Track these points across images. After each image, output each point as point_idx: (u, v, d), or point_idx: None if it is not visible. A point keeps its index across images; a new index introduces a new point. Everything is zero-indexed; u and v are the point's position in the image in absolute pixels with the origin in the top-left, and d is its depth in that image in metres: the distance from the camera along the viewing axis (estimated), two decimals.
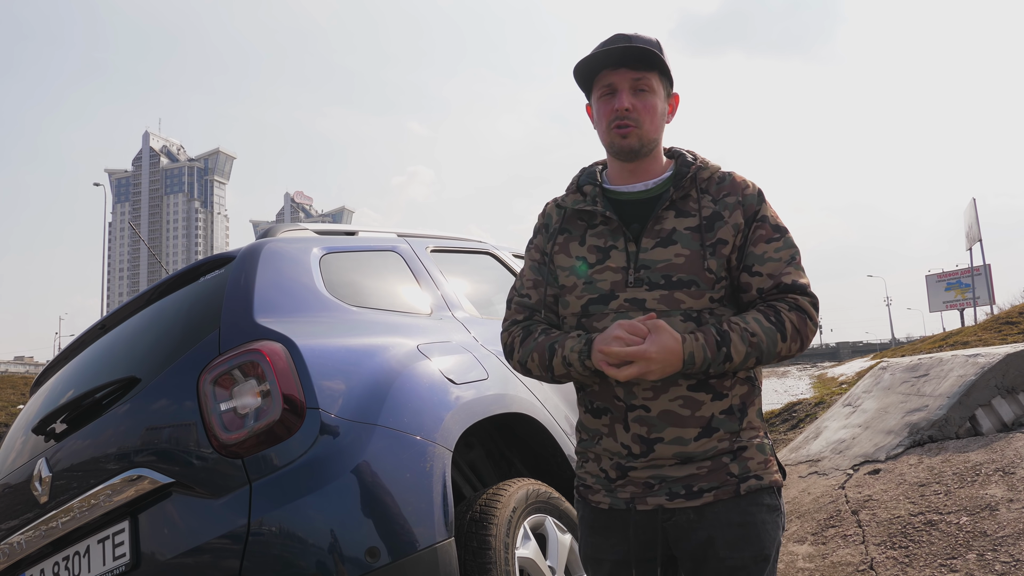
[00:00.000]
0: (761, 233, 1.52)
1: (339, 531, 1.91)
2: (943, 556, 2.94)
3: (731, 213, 1.53)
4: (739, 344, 1.43)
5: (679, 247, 1.50)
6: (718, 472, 1.47)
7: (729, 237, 1.51)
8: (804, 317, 1.47)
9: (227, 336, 2.12)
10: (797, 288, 1.49)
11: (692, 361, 1.41)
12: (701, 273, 1.48)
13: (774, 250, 1.51)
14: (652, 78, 1.53)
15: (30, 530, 2.32)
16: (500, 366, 2.57)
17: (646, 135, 1.54)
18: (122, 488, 2.09)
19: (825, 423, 5.27)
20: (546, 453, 2.64)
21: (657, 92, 1.55)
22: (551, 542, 2.38)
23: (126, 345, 2.56)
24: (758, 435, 1.53)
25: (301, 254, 2.53)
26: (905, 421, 4.35)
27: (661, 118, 1.57)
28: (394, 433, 2.07)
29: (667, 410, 1.47)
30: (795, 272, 1.51)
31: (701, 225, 1.51)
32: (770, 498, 1.50)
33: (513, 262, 3.67)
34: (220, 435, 1.98)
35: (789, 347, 1.47)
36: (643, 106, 1.53)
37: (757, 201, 1.55)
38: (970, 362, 4.49)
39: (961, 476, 3.53)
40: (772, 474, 1.51)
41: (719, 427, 1.48)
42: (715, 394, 1.49)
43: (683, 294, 1.48)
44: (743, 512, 1.47)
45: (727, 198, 1.54)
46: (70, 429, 2.36)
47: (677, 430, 1.47)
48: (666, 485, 1.48)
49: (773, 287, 1.50)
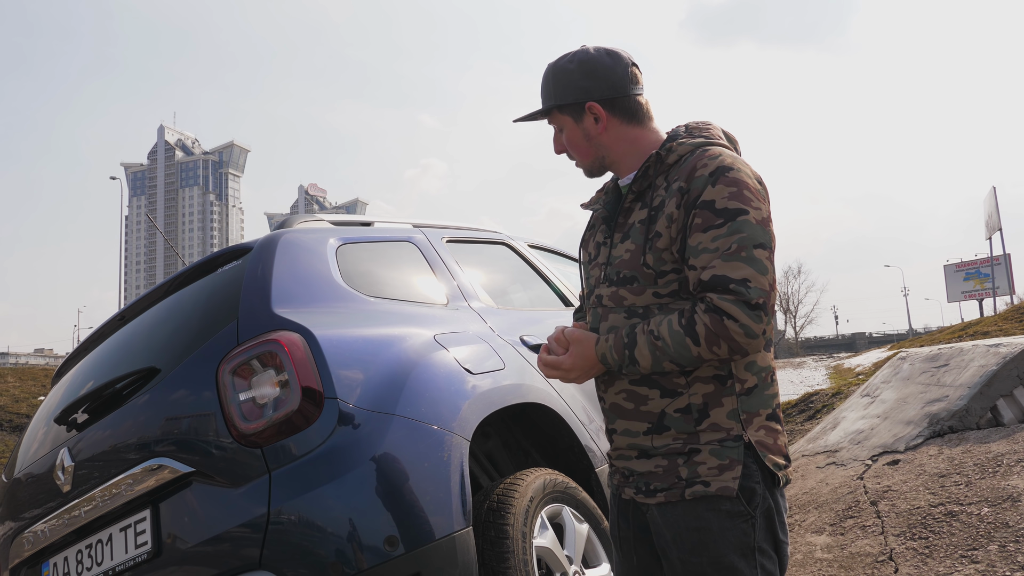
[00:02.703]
0: (698, 222, 1.40)
1: (358, 520, 1.92)
2: (964, 547, 2.91)
3: (669, 201, 1.45)
4: (644, 348, 1.42)
5: (630, 242, 1.50)
6: (670, 474, 1.46)
7: (663, 229, 1.44)
8: (720, 318, 1.34)
9: (245, 327, 2.13)
10: (717, 284, 1.35)
11: (605, 362, 1.48)
12: (639, 268, 1.47)
13: (711, 239, 1.38)
14: (556, 119, 1.61)
15: (53, 519, 2.35)
16: (516, 356, 2.57)
17: (583, 163, 1.63)
18: (143, 477, 2.11)
19: (843, 414, 5.23)
20: (563, 443, 2.64)
21: (566, 125, 1.60)
22: (568, 532, 2.38)
23: (145, 336, 2.58)
24: (723, 437, 1.43)
25: (318, 245, 2.54)
26: (925, 411, 4.31)
27: (586, 140, 1.59)
28: (412, 423, 2.07)
29: (614, 403, 1.55)
30: (723, 265, 1.36)
31: (648, 216, 1.48)
32: (730, 504, 1.41)
33: (528, 252, 3.66)
34: (239, 425, 1.99)
35: (711, 350, 1.36)
36: (567, 143, 1.62)
37: (703, 184, 1.40)
38: (991, 352, 4.44)
39: (982, 467, 3.49)
40: (726, 480, 1.41)
41: (671, 426, 1.46)
42: (664, 391, 1.47)
43: (626, 291, 1.50)
44: (698, 518, 1.43)
45: (674, 184, 1.45)
46: (91, 419, 2.38)
47: (625, 422, 1.53)
48: (635, 479, 1.53)
49: (697, 284, 1.40)
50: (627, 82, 1.56)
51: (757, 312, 1.35)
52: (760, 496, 1.44)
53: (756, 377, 1.47)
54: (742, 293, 1.34)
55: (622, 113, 1.56)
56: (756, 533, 1.43)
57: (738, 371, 1.46)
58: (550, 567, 2.28)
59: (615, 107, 1.56)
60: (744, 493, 1.42)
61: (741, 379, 1.46)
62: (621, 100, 1.56)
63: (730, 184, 1.40)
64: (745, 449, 1.43)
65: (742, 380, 1.46)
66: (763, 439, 1.45)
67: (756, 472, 1.44)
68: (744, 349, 1.38)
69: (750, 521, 1.43)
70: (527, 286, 3.53)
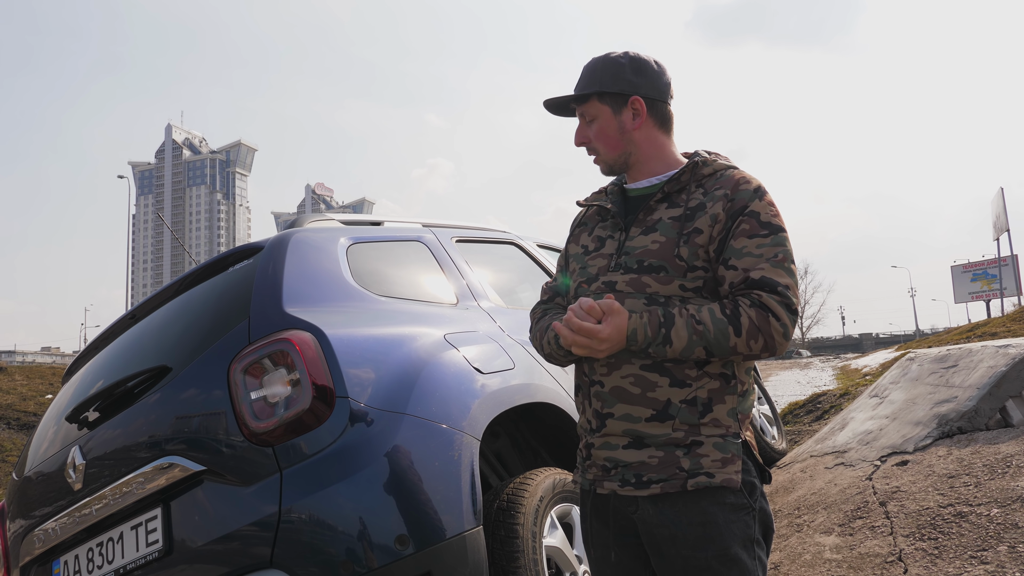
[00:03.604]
0: (745, 228, 1.49)
1: (368, 519, 1.92)
2: (973, 548, 2.90)
3: (714, 204, 1.53)
4: (682, 329, 1.44)
5: (658, 234, 1.55)
6: (668, 465, 1.47)
7: (705, 227, 1.52)
8: (767, 315, 1.43)
9: (257, 325, 2.14)
10: (766, 284, 1.45)
11: (634, 338, 1.46)
12: (671, 259, 1.52)
13: (755, 246, 1.48)
14: (592, 107, 1.63)
15: (64, 516, 2.36)
16: (526, 355, 2.57)
17: (608, 156, 1.65)
18: (154, 476, 2.12)
19: (851, 414, 5.22)
20: (572, 442, 2.64)
21: (602, 115, 1.62)
22: (577, 531, 2.38)
23: (156, 335, 2.59)
24: (723, 433, 1.49)
25: (328, 244, 2.54)
26: (934, 412, 4.29)
27: (619, 133, 1.62)
28: (422, 422, 2.08)
29: (618, 386, 1.52)
30: (771, 269, 1.46)
31: (684, 215, 1.55)
32: (735, 497, 1.47)
33: (537, 252, 3.66)
34: (251, 424, 2.00)
35: (747, 343, 1.43)
36: (595, 135, 1.64)
37: (750, 196, 1.52)
38: (1000, 353, 4.42)
39: (991, 468, 3.48)
40: (730, 473, 1.47)
41: (676, 415, 1.48)
42: (674, 380, 1.49)
43: (651, 278, 1.53)
44: (702, 512, 1.46)
45: (717, 191, 1.55)
46: (103, 417, 2.39)
47: (626, 407, 1.51)
48: (620, 471, 1.52)
49: (742, 281, 1.47)
50: (668, 91, 1.65)
51: (793, 317, 1.45)
52: (758, 491, 1.51)
53: (748, 382, 1.57)
54: (787, 297, 1.45)
55: (658, 117, 1.64)
56: (756, 526, 1.49)
57: (739, 373, 1.54)
58: (560, 567, 2.29)
59: (654, 109, 1.63)
60: (746, 487, 1.49)
61: (741, 381, 1.54)
62: (660, 105, 1.64)
63: (771, 204, 1.53)
64: (743, 446, 1.51)
65: (742, 382, 1.55)
66: (751, 440, 1.54)
67: (752, 468, 1.52)
68: (776, 348, 1.46)
69: (752, 514, 1.49)
70: (536, 286, 3.53)
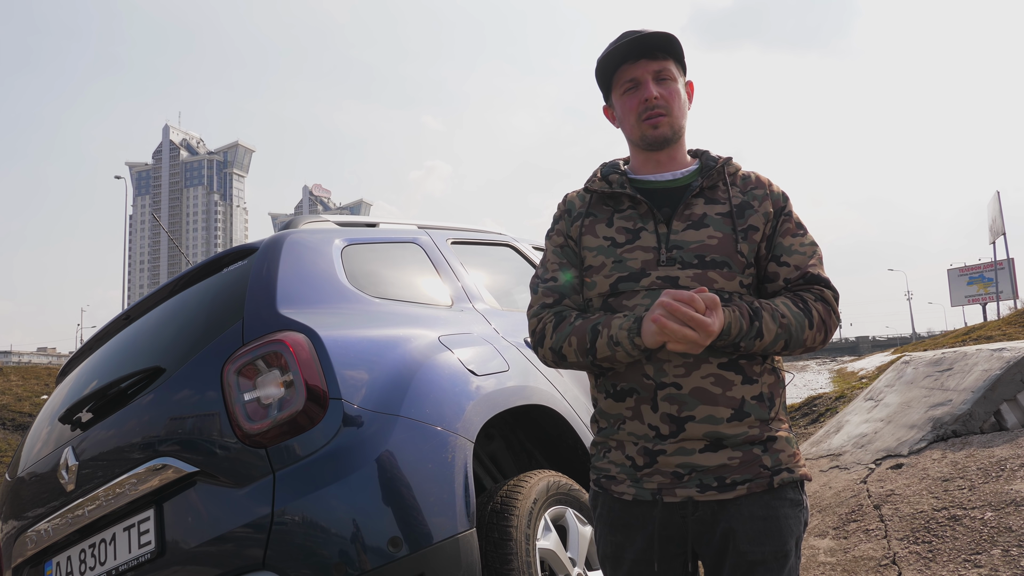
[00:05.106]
0: (788, 227, 1.57)
1: (361, 521, 1.92)
2: (967, 551, 2.91)
3: (760, 203, 1.57)
4: (770, 322, 1.43)
5: (711, 230, 1.52)
6: (751, 464, 1.45)
7: (760, 224, 1.55)
8: (829, 309, 1.50)
9: (251, 327, 2.13)
10: (822, 280, 1.53)
11: (728, 331, 1.39)
12: (734, 255, 1.51)
13: (800, 244, 1.56)
14: (671, 66, 1.58)
15: (57, 518, 2.35)
16: (521, 358, 2.57)
17: (675, 121, 1.58)
18: (147, 477, 2.11)
19: (846, 417, 5.22)
20: (567, 445, 2.64)
21: (677, 79, 1.60)
22: (572, 534, 2.38)
23: (150, 335, 2.58)
24: (785, 427, 1.53)
25: (323, 245, 2.54)
26: (928, 415, 4.30)
27: (685, 104, 1.61)
28: (416, 424, 2.07)
29: (699, 387, 1.44)
30: (819, 267, 1.55)
31: (732, 212, 1.55)
32: (794, 493, 1.48)
33: (533, 254, 3.66)
34: (244, 425, 1.99)
35: (815, 336, 1.48)
36: (668, 94, 1.57)
37: (783, 199, 1.61)
38: (995, 356, 4.43)
39: (986, 471, 3.48)
40: (801, 468, 1.51)
41: (751, 412, 1.46)
42: (745, 377, 1.47)
43: (716, 274, 1.49)
44: (766, 506, 1.45)
45: (755, 191, 1.59)
46: (96, 418, 2.38)
47: (709, 408, 1.44)
48: (697, 476, 1.44)
49: (799, 277, 1.53)
50: None
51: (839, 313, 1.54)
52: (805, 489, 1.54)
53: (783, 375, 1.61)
54: (836, 291, 1.54)
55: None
56: (803, 524, 1.51)
57: (780, 367, 1.57)
58: (553, 569, 2.28)
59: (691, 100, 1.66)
60: (803, 483, 1.52)
61: (783, 375, 1.58)
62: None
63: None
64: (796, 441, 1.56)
65: (783, 376, 1.58)
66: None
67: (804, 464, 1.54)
68: (827, 340, 1.53)
69: (803, 511, 1.50)
70: None
